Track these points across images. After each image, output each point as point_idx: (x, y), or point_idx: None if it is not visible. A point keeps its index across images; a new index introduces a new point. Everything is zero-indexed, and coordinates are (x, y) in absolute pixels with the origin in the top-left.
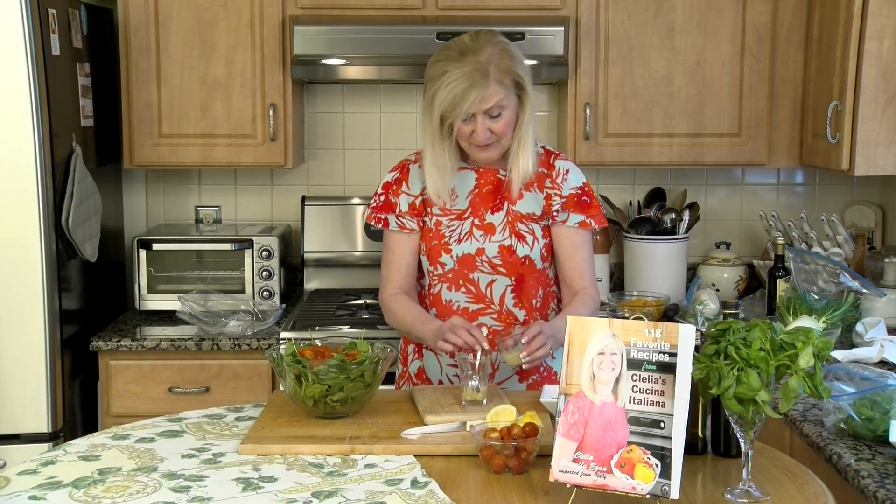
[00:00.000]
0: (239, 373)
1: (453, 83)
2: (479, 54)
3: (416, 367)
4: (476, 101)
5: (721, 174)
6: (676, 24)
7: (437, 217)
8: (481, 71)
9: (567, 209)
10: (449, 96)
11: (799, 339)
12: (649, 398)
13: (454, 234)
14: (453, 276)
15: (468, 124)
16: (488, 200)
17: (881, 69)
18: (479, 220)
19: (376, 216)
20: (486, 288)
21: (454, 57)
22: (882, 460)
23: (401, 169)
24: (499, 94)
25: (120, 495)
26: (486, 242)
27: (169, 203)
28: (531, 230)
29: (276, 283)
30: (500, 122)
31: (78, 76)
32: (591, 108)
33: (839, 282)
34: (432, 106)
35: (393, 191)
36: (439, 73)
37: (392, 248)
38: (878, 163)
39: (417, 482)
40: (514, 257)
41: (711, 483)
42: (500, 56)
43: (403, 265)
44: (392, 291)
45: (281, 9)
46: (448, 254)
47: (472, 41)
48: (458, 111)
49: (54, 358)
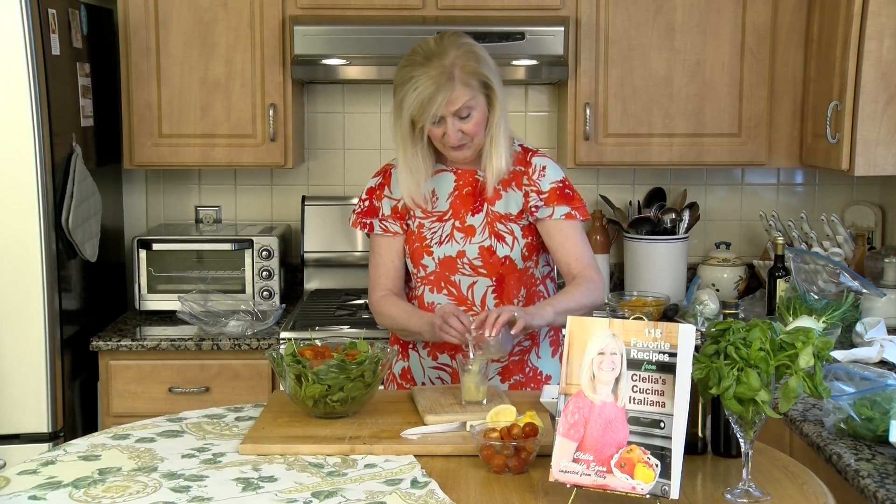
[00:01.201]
0: (239, 373)
1: (420, 87)
2: (443, 57)
3: (401, 367)
4: (443, 103)
5: (721, 174)
6: (676, 24)
7: (419, 220)
8: (447, 74)
9: (551, 203)
10: (416, 101)
11: (799, 339)
12: (649, 398)
13: (435, 236)
14: (435, 279)
15: (439, 127)
16: (468, 202)
17: (881, 69)
18: (460, 222)
19: (361, 221)
20: (468, 290)
21: (420, 61)
22: (882, 460)
23: (383, 174)
24: (465, 96)
25: (120, 495)
26: (467, 245)
27: (169, 203)
28: (510, 230)
29: (276, 283)
30: (469, 122)
31: (78, 76)
32: (591, 108)
33: (839, 282)
34: (401, 110)
35: (376, 196)
36: (406, 78)
37: (378, 252)
38: (878, 163)
39: (417, 482)
40: (495, 258)
41: (711, 483)
42: (465, 58)
43: (390, 268)
44: (381, 294)
45: (281, 9)
46: (430, 256)
47: (436, 45)
48: (426, 115)
49: (54, 358)
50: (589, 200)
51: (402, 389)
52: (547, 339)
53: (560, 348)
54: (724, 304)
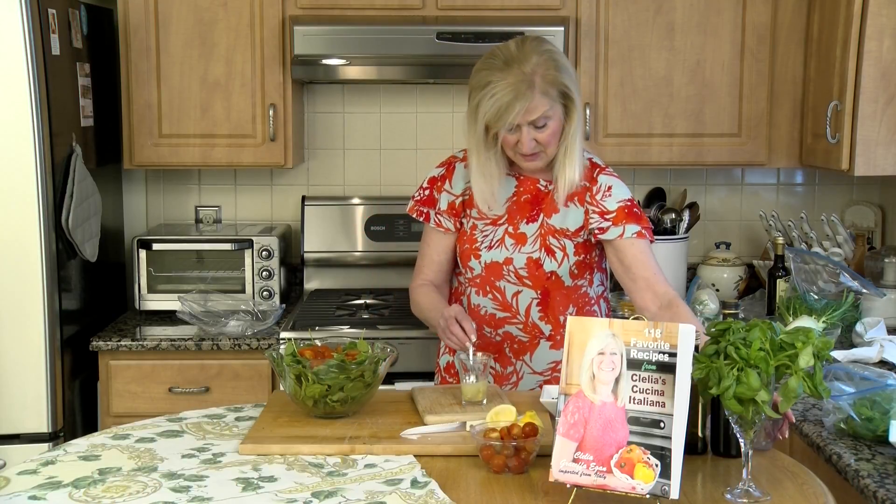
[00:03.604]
0: (239, 373)
1: (498, 94)
2: (524, 64)
3: (445, 361)
4: (521, 112)
5: (721, 174)
6: (676, 24)
7: (473, 220)
8: (527, 82)
9: (619, 222)
10: (493, 108)
11: (799, 339)
12: (649, 398)
13: (486, 239)
14: (481, 282)
15: (513, 134)
16: (525, 210)
17: (881, 69)
18: (514, 228)
19: (418, 209)
20: (512, 298)
21: (499, 66)
22: (882, 460)
23: (447, 166)
24: (544, 105)
25: (120, 495)
26: (516, 253)
27: (169, 203)
28: (562, 245)
29: (276, 283)
30: (545, 132)
31: (78, 76)
32: (591, 108)
33: (839, 282)
34: (476, 115)
35: (437, 187)
36: (483, 82)
37: (427, 242)
38: (878, 163)
39: (417, 482)
40: (541, 271)
41: (711, 483)
42: (546, 66)
43: (435, 260)
44: (420, 282)
45: (281, 9)
46: (477, 259)
47: (517, 50)
48: (502, 122)
49: (54, 358)
50: None
51: (446, 384)
52: None
53: None
54: (724, 304)
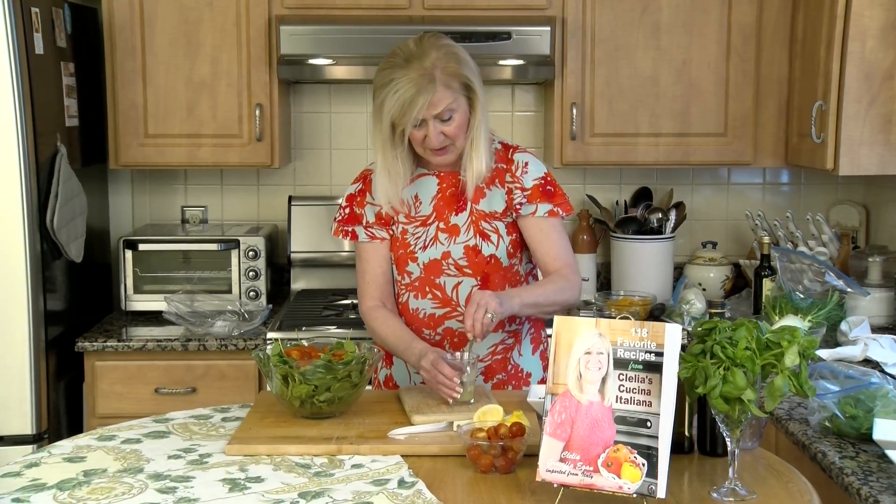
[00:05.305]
0: (225, 373)
1: (401, 90)
2: (424, 59)
3: (385, 374)
4: (425, 106)
5: (707, 174)
6: (662, 24)
7: (402, 225)
8: (428, 76)
9: (534, 200)
10: (397, 103)
11: (784, 338)
12: (636, 397)
13: (419, 241)
14: (419, 284)
15: (420, 130)
16: (452, 203)
17: (864, 70)
18: (444, 223)
19: (343, 229)
20: (453, 291)
21: (400, 63)
22: (865, 458)
23: (363, 180)
24: (447, 98)
25: (105, 497)
26: (452, 245)
27: (155, 203)
28: (495, 228)
29: (262, 284)
30: (451, 125)
31: (62, 75)
32: (577, 108)
33: (824, 281)
34: (381, 113)
35: (357, 202)
36: (386, 80)
37: (365, 259)
38: (862, 162)
39: (404, 482)
40: (480, 257)
41: (698, 482)
42: (446, 59)
43: (378, 273)
44: (371, 304)
45: (267, 8)
46: (414, 262)
47: (416, 46)
48: (407, 118)
49: (39, 359)
50: (575, 200)
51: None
52: (528, 336)
53: (541, 346)
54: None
